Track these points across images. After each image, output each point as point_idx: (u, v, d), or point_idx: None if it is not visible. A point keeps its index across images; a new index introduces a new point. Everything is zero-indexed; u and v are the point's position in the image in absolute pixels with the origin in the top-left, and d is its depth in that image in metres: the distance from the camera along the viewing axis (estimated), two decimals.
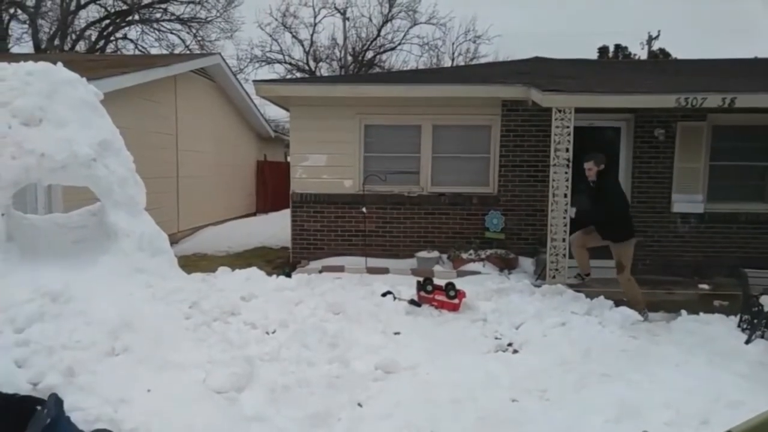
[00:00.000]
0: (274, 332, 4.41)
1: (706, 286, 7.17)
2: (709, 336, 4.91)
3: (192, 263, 7.89)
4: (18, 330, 3.38)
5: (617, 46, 28.09)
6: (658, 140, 8.11)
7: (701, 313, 5.55)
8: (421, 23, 26.00)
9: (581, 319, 5.31)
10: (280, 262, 8.73)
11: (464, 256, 7.81)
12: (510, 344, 5.01)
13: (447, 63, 26.70)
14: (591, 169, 6.12)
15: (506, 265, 7.78)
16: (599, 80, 9.08)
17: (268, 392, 3.47)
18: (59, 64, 4.49)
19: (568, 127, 7.05)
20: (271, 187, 16.22)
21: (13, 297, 3.56)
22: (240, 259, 8.96)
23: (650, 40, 26.54)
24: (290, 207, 8.70)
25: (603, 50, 27.94)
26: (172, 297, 4.08)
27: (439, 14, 30.47)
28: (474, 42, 26.79)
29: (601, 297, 5.82)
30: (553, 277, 7.01)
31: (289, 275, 6.65)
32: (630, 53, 27.66)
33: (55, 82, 4.29)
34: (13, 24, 22.06)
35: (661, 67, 12.46)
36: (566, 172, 7.06)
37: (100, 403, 3.03)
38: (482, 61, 25.49)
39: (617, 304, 5.70)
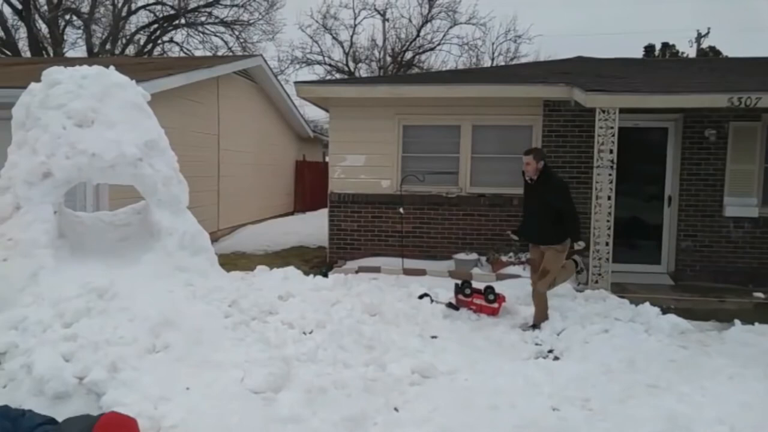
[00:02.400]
0: (311, 332, 4.41)
1: (761, 295, 6.83)
2: (765, 348, 4.66)
3: (231, 262, 8.01)
4: (66, 325, 3.47)
5: (664, 45, 27.20)
6: (708, 141, 7.78)
7: (756, 324, 5.27)
8: (461, 23, 25.81)
9: (626, 326, 5.12)
10: (317, 262, 8.78)
11: (504, 258, 7.67)
12: (551, 350, 4.89)
13: (487, 63, 26.42)
14: (529, 164, 5.47)
15: None
16: (645, 80, 8.78)
17: (304, 393, 3.46)
18: (111, 67, 4.62)
19: (612, 127, 6.85)
20: (309, 187, 16.36)
21: (63, 292, 3.67)
22: (278, 258, 9.05)
23: (699, 37, 25.63)
24: (328, 207, 8.74)
25: (649, 49, 27.11)
26: (212, 295, 4.13)
27: (479, 14, 30.31)
28: (514, 42, 26.44)
29: (647, 303, 5.60)
30: (596, 281, 6.82)
31: (326, 275, 6.67)
32: (678, 52, 26.74)
33: (107, 85, 4.41)
34: (68, 30, 23.01)
35: (711, 65, 11.97)
36: (610, 174, 6.87)
37: (141, 399, 3.08)
38: (523, 61, 25.08)
39: (664, 311, 5.47)
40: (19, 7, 21.22)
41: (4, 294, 3.62)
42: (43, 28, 22.03)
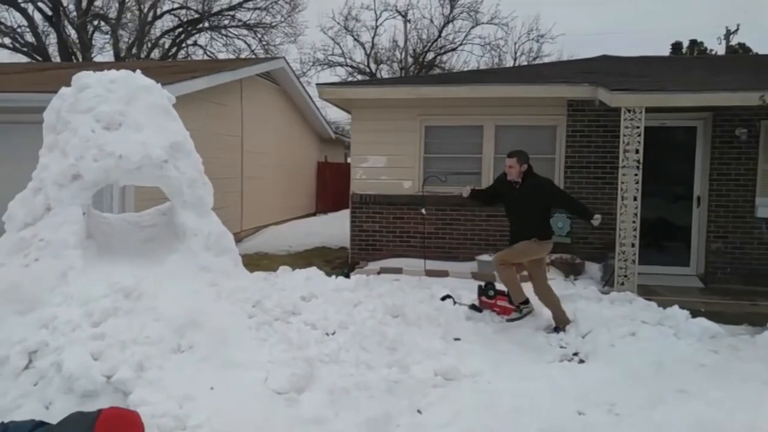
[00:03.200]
0: (333, 333, 4.41)
1: None
2: None
3: (254, 262, 8.07)
4: (94, 324, 3.53)
5: (692, 42, 26.62)
6: (739, 140, 7.58)
7: None
8: (482, 23, 25.66)
9: (653, 330, 5.01)
10: (339, 263, 8.80)
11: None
12: (576, 353, 4.81)
13: (509, 63, 26.22)
14: (512, 166, 5.35)
15: (572, 271, 7.50)
16: (672, 78, 8.62)
17: (327, 394, 3.47)
18: (138, 71, 4.68)
19: (638, 127, 6.74)
20: (331, 188, 16.43)
21: (91, 292, 3.73)
22: (300, 259, 9.10)
23: (728, 34, 25.02)
24: (350, 208, 8.76)
25: (676, 46, 26.56)
26: (236, 296, 4.16)
27: (501, 14, 30.04)
28: (537, 41, 26.20)
29: (675, 306, 5.47)
30: (622, 284, 6.71)
31: (347, 276, 6.68)
32: (706, 49, 26.15)
33: (133, 88, 4.47)
34: (96, 35, 23.53)
35: (741, 63, 11.70)
36: (636, 174, 6.75)
37: (166, 399, 3.12)
38: (545, 60, 24.86)
39: (694, 314, 5.34)
40: (50, 13, 21.77)
41: (35, 293, 3.70)
42: (72, 33, 22.57)
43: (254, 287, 4.50)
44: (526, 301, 5.50)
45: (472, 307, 5.73)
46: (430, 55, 26.73)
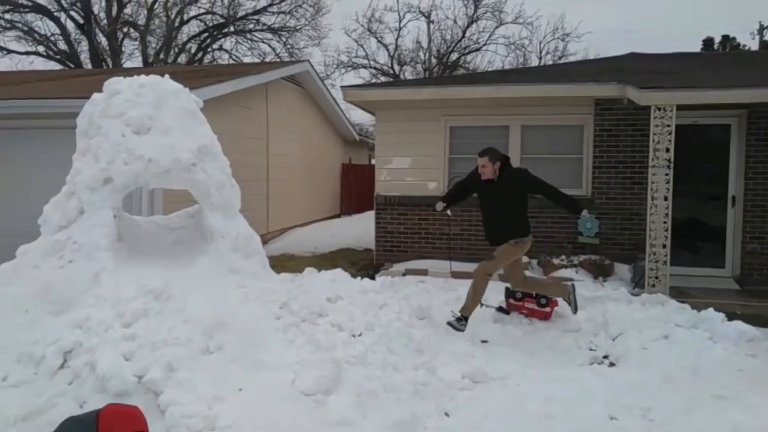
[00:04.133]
0: (360, 335, 4.41)
1: None
2: None
3: (280, 264, 8.13)
4: (126, 325, 3.58)
5: (724, 38, 25.93)
6: None
7: None
8: (507, 23, 25.47)
9: (687, 333, 4.87)
10: (363, 264, 8.80)
11: (555, 261, 7.48)
12: (606, 356, 4.72)
13: (534, 62, 25.97)
14: (485, 166, 5.24)
15: (601, 272, 7.36)
16: (704, 75, 8.41)
17: (354, 396, 3.46)
18: (166, 76, 4.75)
19: (669, 125, 6.58)
20: (355, 190, 16.47)
21: (122, 293, 3.79)
22: (325, 260, 9.13)
23: (762, 29, 24.35)
24: (374, 209, 8.75)
25: (708, 43, 25.90)
26: (263, 297, 4.18)
27: (525, 13, 29.80)
28: (562, 40, 25.91)
29: (710, 309, 5.31)
30: (653, 285, 6.57)
31: (373, 277, 6.68)
32: (739, 44, 25.46)
33: (162, 93, 4.54)
34: (126, 41, 24.08)
35: None
36: (667, 174, 6.60)
37: (196, 400, 3.14)
38: (571, 59, 24.53)
39: (730, 317, 5.18)
40: (81, 21, 22.34)
41: (69, 294, 3.77)
42: (103, 41, 23.13)
43: (281, 289, 4.52)
44: (466, 319, 5.25)
45: (500, 309, 5.68)
46: (454, 56, 26.65)
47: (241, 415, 3.13)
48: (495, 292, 6.08)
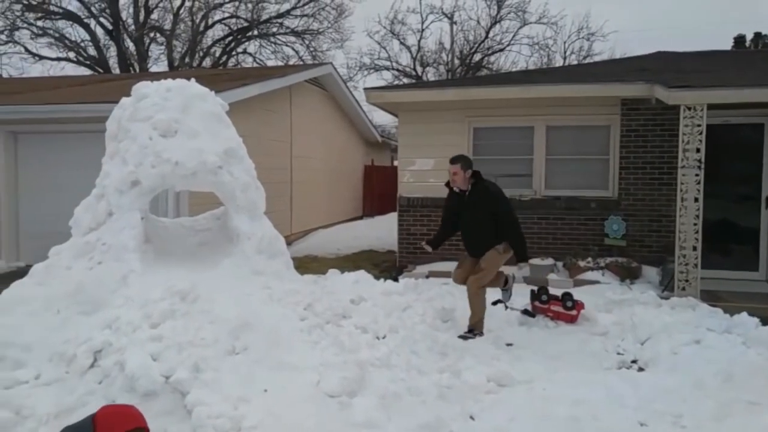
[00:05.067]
0: (384, 337, 4.41)
1: None
2: None
3: (303, 265, 8.17)
4: (153, 325, 3.63)
5: (756, 35, 25.23)
6: None
7: None
8: (530, 23, 25.24)
9: (720, 338, 4.75)
10: (386, 266, 8.79)
11: (581, 264, 7.37)
12: (634, 361, 4.62)
13: (558, 62, 25.67)
14: (457, 173, 5.00)
15: (628, 275, 7.22)
16: (735, 73, 8.20)
17: (378, 399, 3.45)
18: (192, 79, 4.82)
19: (699, 125, 6.43)
20: (377, 191, 16.49)
21: (149, 294, 3.85)
22: (348, 262, 9.14)
23: None
24: (397, 211, 8.74)
25: (739, 40, 25.22)
26: (288, 299, 4.21)
27: (549, 13, 29.46)
28: (587, 40, 25.56)
29: (744, 313, 5.16)
30: (683, 288, 6.42)
31: (396, 279, 6.66)
32: None
33: (189, 97, 4.60)
34: (152, 46, 24.54)
35: None
36: (697, 174, 6.45)
37: (222, 400, 3.17)
38: (596, 59, 24.18)
39: (764, 322, 5.03)
40: (110, 27, 22.85)
41: (99, 295, 3.85)
42: (131, 46, 23.60)
43: (305, 290, 4.54)
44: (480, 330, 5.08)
45: (525, 312, 5.61)
46: (477, 57, 26.50)
47: (266, 416, 3.15)
48: (520, 296, 6.02)
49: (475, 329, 5.05)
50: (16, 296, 3.94)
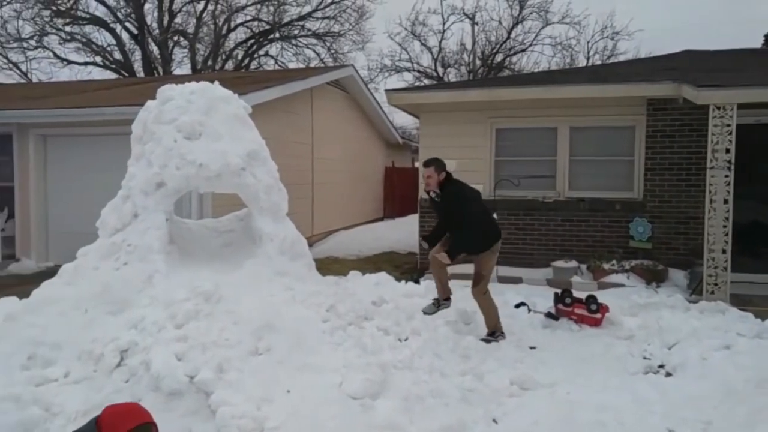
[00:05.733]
0: (406, 340, 4.39)
1: None
2: None
3: (325, 266, 8.19)
4: (178, 326, 3.68)
5: None
6: None
7: None
8: (553, 23, 24.99)
9: (751, 343, 4.63)
10: (407, 268, 8.77)
11: (606, 266, 7.26)
12: (661, 366, 4.53)
13: (581, 62, 25.34)
14: (431, 176, 4.87)
15: (654, 278, 7.09)
16: (766, 71, 8.00)
17: (401, 401, 3.44)
18: (216, 82, 4.87)
19: (729, 125, 6.28)
20: (398, 193, 16.48)
21: (174, 295, 3.89)
22: (369, 264, 9.15)
23: None
24: (418, 212, 8.71)
25: None
26: (310, 300, 4.22)
27: (572, 12, 29.15)
28: (612, 39, 25.17)
29: None
30: (712, 292, 6.27)
31: (417, 282, 6.64)
32: None
33: (212, 99, 4.65)
34: (176, 50, 24.93)
35: None
36: (727, 175, 6.30)
37: (245, 400, 3.19)
38: (621, 58, 23.81)
39: None
40: (135, 32, 23.28)
41: (125, 295, 3.91)
42: (155, 49, 23.99)
43: (328, 291, 4.55)
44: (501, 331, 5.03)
45: (548, 315, 5.54)
46: (499, 57, 26.32)
47: (288, 416, 3.16)
48: (544, 298, 5.96)
49: (495, 331, 5.01)
50: (46, 296, 4.03)
